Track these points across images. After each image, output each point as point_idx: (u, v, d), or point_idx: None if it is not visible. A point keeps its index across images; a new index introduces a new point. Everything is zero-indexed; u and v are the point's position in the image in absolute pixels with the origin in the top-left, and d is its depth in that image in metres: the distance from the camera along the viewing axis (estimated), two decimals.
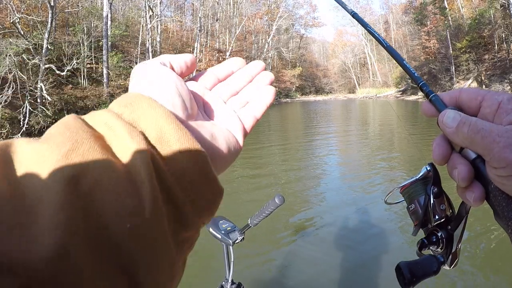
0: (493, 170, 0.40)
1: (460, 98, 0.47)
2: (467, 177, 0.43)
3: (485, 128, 0.40)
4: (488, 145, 0.39)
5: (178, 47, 35.08)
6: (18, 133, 14.64)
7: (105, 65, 21.92)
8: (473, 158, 0.43)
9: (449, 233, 0.52)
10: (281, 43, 60.36)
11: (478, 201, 0.43)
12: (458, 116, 0.43)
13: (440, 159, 0.46)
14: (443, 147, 0.46)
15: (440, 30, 33.88)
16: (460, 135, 0.43)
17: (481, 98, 0.44)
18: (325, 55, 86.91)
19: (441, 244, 0.52)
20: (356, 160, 11.27)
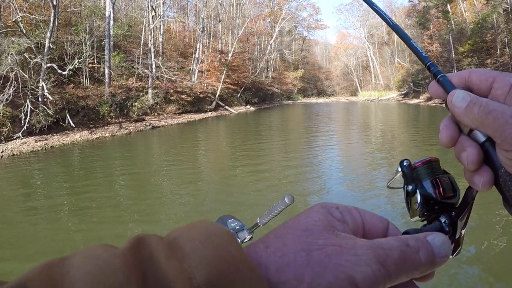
0: (504, 153, 0.38)
1: (469, 79, 0.44)
2: (476, 160, 0.41)
3: (497, 109, 0.38)
4: (500, 126, 0.38)
5: (180, 48, 35.09)
6: (19, 132, 14.65)
7: (107, 65, 21.94)
8: (483, 141, 0.41)
9: (453, 219, 0.49)
10: (283, 45, 60.37)
11: (487, 185, 0.41)
12: (468, 96, 0.41)
13: (447, 141, 0.44)
14: (451, 129, 0.44)
15: (443, 34, 33.82)
16: (470, 116, 0.41)
17: (492, 80, 0.42)
18: (327, 57, 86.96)
19: (444, 231, 0.49)
20: (357, 161, 11.26)
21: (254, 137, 17.94)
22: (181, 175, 10.18)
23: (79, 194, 8.31)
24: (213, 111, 31.93)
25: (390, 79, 56.35)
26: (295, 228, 0.34)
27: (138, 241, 0.29)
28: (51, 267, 0.28)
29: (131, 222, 6.45)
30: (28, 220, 6.51)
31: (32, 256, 5.19)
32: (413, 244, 0.35)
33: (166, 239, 0.31)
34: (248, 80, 40.85)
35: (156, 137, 18.79)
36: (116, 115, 21.10)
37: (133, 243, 0.29)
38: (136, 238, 0.30)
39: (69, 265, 0.28)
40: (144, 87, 25.10)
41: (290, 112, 36.70)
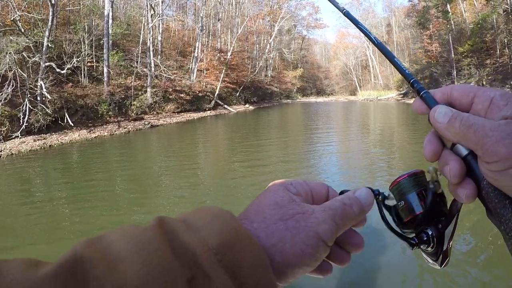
0: (486, 165, 0.40)
1: (451, 95, 0.46)
2: (459, 173, 0.42)
3: (478, 122, 0.40)
4: (480, 139, 0.39)
5: (179, 47, 35.01)
6: (17, 131, 14.61)
7: (105, 63, 21.87)
8: (465, 154, 0.43)
9: (440, 231, 0.51)
10: (282, 44, 60.34)
11: (470, 197, 0.43)
12: (450, 112, 0.43)
13: (431, 156, 0.46)
14: (434, 144, 0.46)
15: (442, 34, 33.78)
16: (451, 130, 0.43)
17: (473, 94, 0.44)
18: (326, 56, 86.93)
19: (431, 243, 0.51)
20: (356, 159, 11.26)
21: (253, 135, 17.94)
22: (180, 173, 10.20)
23: (78, 190, 8.34)
24: (212, 110, 31.87)
25: (389, 78, 56.32)
26: (268, 204, 0.45)
27: (160, 220, 0.38)
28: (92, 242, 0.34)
29: (130, 215, 6.50)
30: (27, 214, 6.50)
31: (31, 247, 5.24)
32: (347, 202, 0.46)
33: (178, 218, 0.40)
34: (247, 79, 40.79)
35: (155, 136, 18.75)
36: (115, 114, 21.06)
37: (157, 221, 0.37)
38: (158, 218, 0.38)
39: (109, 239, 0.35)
40: (143, 86, 25.04)
41: (289, 111, 36.68)
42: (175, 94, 27.26)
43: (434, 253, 0.52)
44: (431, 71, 35.42)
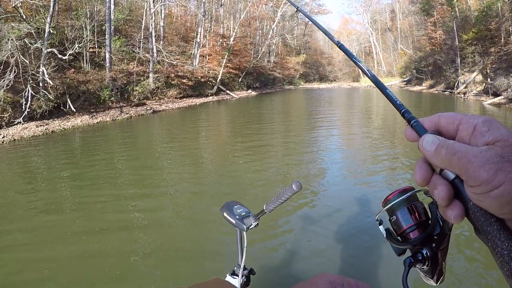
0: (470, 188, 0.43)
1: (439, 123, 0.50)
2: (446, 196, 0.45)
3: (461, 150, 0.43)
4: (464, 165, 0.43)
5: (182, 32, 34.80)
6: (20, 117, 14.67)
7: (107, 49, 21.81)
8: (452, 178, 0.46)
9: (434, 250, 0.54)
10: (285, 30, 59.88)
11: (458, 218, 0.46)
12: (437, 140, 0.47)
13: (421, 181, 0.49)
14: (423, 169, 0.49)
15: (447, 21, 33.37)
16: (438, 157, 0.46)
17: (458, 122, 0.47)
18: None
19: (426, 262, 0.54)
20: (358, 144, 11.34)
21: (256, 120, 18.03)
22: (182, 157, 10.36)
23: (80, 174, 8.49)
24: (214, 96, 31.89)
25: (392, 65, 56.02)
26: None
27: None
28: None
29: (132, 199, 6.61)
30: (30, 200, 6.62)
31: (34, 231, 5.37)
32: None
33: None
34: (249, 65, 40.64)
35: (157, 121, 18.85)
36: (117, 99, 21.11)
37: None
38: None
39: None
40: (145, 72, 25.03)
41: (291, 97, 36.63)
42: (177, 79, 27.24)
43: (429, 271, 0.56)
44: (435, 58, 35.10)
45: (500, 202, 0.41)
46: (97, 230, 5.38)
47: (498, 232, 0.43)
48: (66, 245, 4.91)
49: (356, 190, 6.87)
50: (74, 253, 4.65)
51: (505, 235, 0.43)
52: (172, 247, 4.77)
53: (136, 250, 4.68)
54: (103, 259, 4.48)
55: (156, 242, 4.87)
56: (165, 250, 4.67)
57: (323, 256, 4.42)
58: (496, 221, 0.43)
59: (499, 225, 0.43)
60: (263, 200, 1.74)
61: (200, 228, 5.40)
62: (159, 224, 5.57)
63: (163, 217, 5.85)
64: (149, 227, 5.47)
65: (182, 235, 5.17)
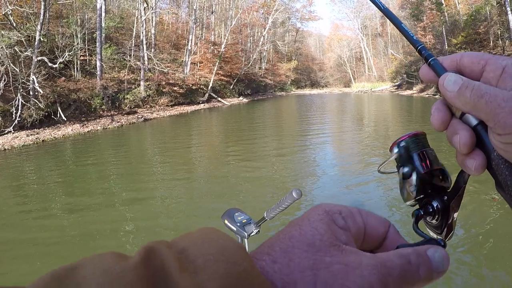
0: (497, 136, 0.38)
1: (461, 62, 0.44)
2: (469, 142, 0.41)
3: (490, 92, 0.38)
4: (492, 110, 0.38)
5: (173, 40, 34.82)
6: (10, 126, 14.52)
7: (98, 57, 21.73)
8: (475, 124, 0.41)
9: (445, 203, 0.49)
10: (277, 36, 60.16)
11: (479, 169, 0.41)
12: (460, 80, 0.41)
13: (439, 124, 0.44)
14: (442, 112, 0.44)
15: (436, 26, 33.78)
16: (462, 99, 0.40)
17: (484, 62, 0.42)
18: (321, 48, 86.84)
19: (436, 215, 0.50)
20: (350, 148, 11.35)
21: (247, 128, 17.98)
22: (174, 165, 10.25)
23: (71, 185, 8.37)
24: (206, 103, 31.84)
25: (383, 70, 56.39)
26: (301, 242, 0.34)
27: (149, 253, 0.30)
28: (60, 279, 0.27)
29: (124, 209, 6.51)
30: (21, 212, 6.49)
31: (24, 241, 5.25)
32: (414, 261, 0.35)
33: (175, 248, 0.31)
34: (241, 72, 40.71)
35: (148, 129, 18.76)
36: (108, 108, 21.00)
37: (144, 255, 0.29)
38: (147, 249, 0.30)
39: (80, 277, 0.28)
40: (136, 80, 24.94)
41: (283, 103, 36.69)
42: (169, 87, 27.17)
43: (438, 225, 0.51)
44: None
45: None
46: (88, 238, 5.31)
47: None
48: (57, 256, 4.82)
49: (351, 193, 6.87)
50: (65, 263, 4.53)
51: None
52: None
53: None
54: None
55: None
56: None
57: None
58: None
59: None
60: (256, 206, 1.71)
61: None
62: (151, 232, 5.48)
63: (156, 225, 5.79)
64: (140, 234, 5.40)
65: None
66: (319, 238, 0.35)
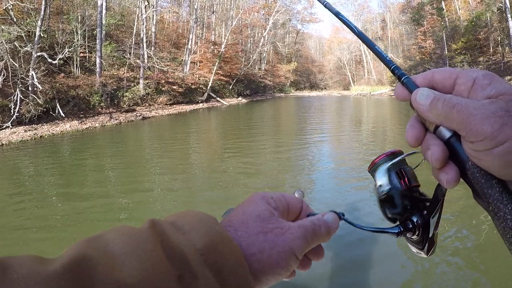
0: (470, 145, 0.39)
1: (433, 78, 0.46)
2: (441, 157, 0.42)
3: (461, 102, 0.40)
4: (464, 119, 0.39)
5: (173, 39, 34.78)
6: (8, 121, 14.47)
7: (98, 54, 21.66)
8: (448, 136, 0.42)
9: (425, 218, 0.50)
10: (277, 38, 60.17)
11: (452, 182, 0.42)
12: (432, 93, 0.43)
13: (413, 141, 0.45)
14: (416, 128, 0.46)
15: (437, 31, 33.77)
16: (434, 111, 0.42)
17: (455, 76, 0.44)
18: (321, 51, 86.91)
19: (417, 231, 0.51)
20: (348, 154, 11.30)
21: (246, 128, 17.95)
22: (171, 161, 10.27)
23: (68, 181, 8.34)
24: (205, 103, 31.80)
25: (383, 74, 56.29)
26: (251, 215, 0.49)
27: (153, 223, 0.42)
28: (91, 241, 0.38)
29: (121, 205, 6.52)
30: (17, 209, 6.47)
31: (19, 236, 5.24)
32: (317, 223, 0.50)
33: (168, 221, 0.44)
34: (240, 72, 40.70)
35: (146, 127, 18.71)
36: (107, 105, 20.95)
37: (150, 224, 0.41)
38: (150, 220, 0.42)
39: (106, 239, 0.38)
40: (136, 78, 24.89)
41: (282, 105, 36.67)
42: (168, 86, 27.13)
43: (420, 241, 0.52)
44: (425, 67, 35.43)
45: (504, 161, 0.37)
46: (83, 227, 5.40)
47: (501, 194, 0.39)
48: (51, 254, 4.77)
49: (349, 194, 6.87)
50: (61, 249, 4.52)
51: (508, 198, 0.39)
52: None
53: None
54: None
55: None
56: None
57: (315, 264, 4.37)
58: (497, 182, 0.39)
59: (501, 187, 0.39)
60: None
61: None
62: None
63: (150, 215, 5.75)
64: (135, 223, 5.37)
65: None
66: (262, 213, 0.50)
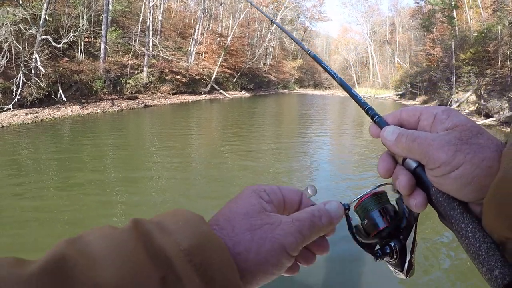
0: (431, 171, 0.45)
1: (401, 116, 0.52)
2: (407, 185, 0.47)
3: (420, 136, 0.46)
4: (424, 149, 0.45)
5: (179, 28, 34.48)
6: (10, 104, 14.40)
7: (103, 40, 21.45)
8: (414, 167, 0.48)
9: (402, 242, 0.54)
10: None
11: (420, 206, 0.47)
12: (397, 130, 0.49)
13: (384, 173, 0.51)
14: (386, 162, 0.51)
15: (446, 39, 33.43)
16: (399, 145, 0.48)
17: (419, 114, 0.50)
18: (327, 50, 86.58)
19: (395, 255, 0.55)
20: (348, 149, 11.29)
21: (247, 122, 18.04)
22: (171, 150, 10.36)
23: (66, 166, 8.35)
24: (208, 94, 31.69)
25: (388, 78, 56.03)
26: (238, 213, 0.46)
27: (136, 222, 0.40)
28: (71, 242, 0.37)
29: (118, 193, 6.54)
30: (15, 192, 6.46)
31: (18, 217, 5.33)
32: (317, 214, 0.48)
33: (152, 221, 0.42)
34: (245, 66, 40.48)
35: (148, 116, 18.72)
36: (109, 91, 20.85)
37: (133, 224, 0.40)
38: (133, 220, 0.40)
39: (88, 239, 0.37)
40: (140, 65, 24.71)
41: (285, 101, 36.57)
42: (172, 75, 26.96)
43: (398, 264, 0.55)
44: (431, 74, 35.15)
45: (461, 183, 0.43)
46: (79, 209, 5.54)
47: (462, 215, 0.44)
48: (51, 235, 4.83)
49: (343, 186, 6.95)
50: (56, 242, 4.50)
51: (469, 218, 0.44)
52: None
53: None
54: None
55: None
56: None
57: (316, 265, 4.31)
58: (458, 204, 0.45)
59: (462, 209, 0.44)
60: None
61: None
62: (141, 207, 5.75)
63: (146, 201, 6.06)
64: (131, 208, 5.65)
65: None
66: (251, 209, 0.47)
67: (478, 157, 0.42)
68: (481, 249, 0.41)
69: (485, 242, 0.41)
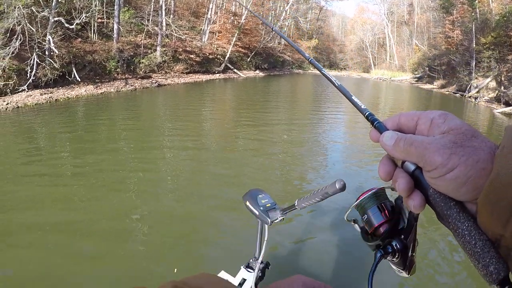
0: (428, 173, 0.47)
1: (400, 121, 0.54)
2: (406, 187, 0.49)
3: (417, 140, 0.48)
4: (420, 152, 0.47)
5: (193, 7, 34.06)
6: (24, 85, 14.54)
7: (116, 20, 21.32)
8: (413, 169, 0.50)
9: (403, 242, 0.57)
10: (299, 13, 58.76)
11: (418, 207, 0.49)
12: (395, 135, 0.51)
13: (384, 176, 0.53)
14: (386, 165, 0.53)
15: (466, 22, 32.36)
16: (397, 149, 0.50)
17: (417, 118, 0.52)
18: (343, 30, 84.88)
19: (397, 254, 0.57)
20: (362, 134, 11.19)
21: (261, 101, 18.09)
22: (184, 130, 10.45)
23: (81, 143, 8.51)
24: (222, 73, 31.58)
25: (405, 60, 54.74)
26: None
27: None
28: None
29: (132, 172, 6.63)
30: (31, 170, 6.57)
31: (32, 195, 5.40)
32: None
33: None
34: (259, 45, 40.06)
35: (161, 95, 18.80)
36: (123, 71, 20.90)
37: None
38: None
39: None
40: (153, 45, 24.62)
41: (299, 81, 36.29)
42: (185, 54, 26.83)
43: (400, 262, 0.58)
44: (450, 58, 34.16)
45: (456, 184, 0.45)
46: (93, 190, 5.58)
47: (458, 214, 0.46)
48: (63, 210, 4.93)
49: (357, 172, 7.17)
50: (71, 218, 4.71)
51: (465, 217, 0.46)
52: (171, 231, 4.67)
53: (133, 228, 4.60)
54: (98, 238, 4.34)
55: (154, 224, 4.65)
56: (163, 234, 4.55)
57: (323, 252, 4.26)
58: (455, 204, 0.47)
59: (458, 208, 0.47)
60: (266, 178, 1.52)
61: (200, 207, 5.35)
62: (154, 190, 5.78)
63: (158, 181, 6.17)
64: (143, 187, 5.74)
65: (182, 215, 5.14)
66: None
67: (473, 159, 0.44)
68: (477, 246, 0.44)
69: (481, 240, 0.44)
